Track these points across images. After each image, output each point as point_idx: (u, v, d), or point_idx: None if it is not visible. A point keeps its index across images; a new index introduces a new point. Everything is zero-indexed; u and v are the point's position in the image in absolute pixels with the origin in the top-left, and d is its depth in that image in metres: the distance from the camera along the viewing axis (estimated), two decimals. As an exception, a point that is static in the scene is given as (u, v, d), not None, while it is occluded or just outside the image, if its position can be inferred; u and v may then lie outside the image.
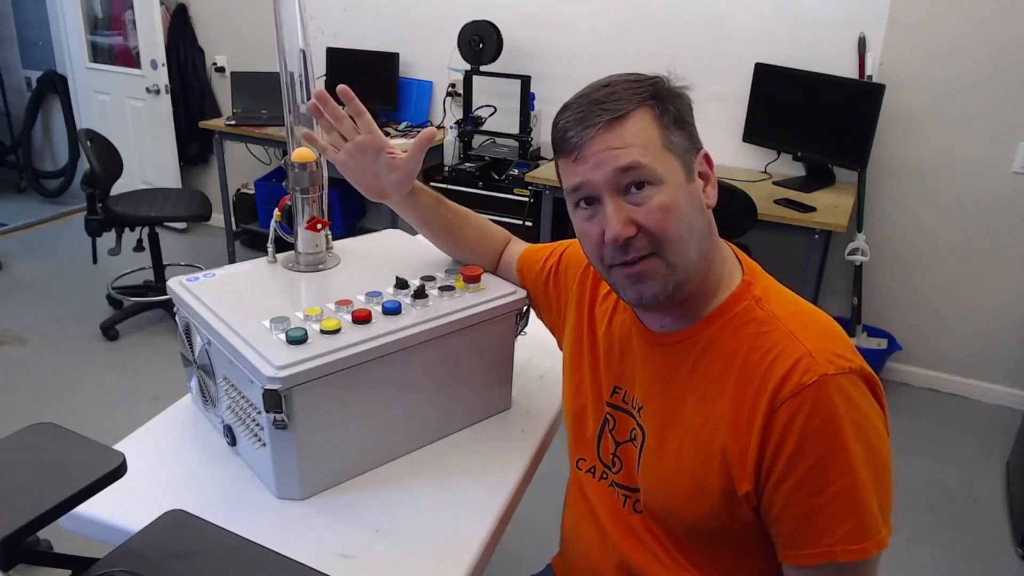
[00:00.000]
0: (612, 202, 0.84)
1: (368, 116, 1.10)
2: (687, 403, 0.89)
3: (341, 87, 1.07)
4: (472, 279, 1.17)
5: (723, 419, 0.84)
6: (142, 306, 3.43)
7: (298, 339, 0.98)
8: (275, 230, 1.25)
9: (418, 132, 3.57)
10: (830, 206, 2.69)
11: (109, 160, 3.35)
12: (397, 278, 1.14)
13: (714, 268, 0.89)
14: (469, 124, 3.40)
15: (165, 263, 3.53)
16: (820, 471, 0.78)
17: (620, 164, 0.82)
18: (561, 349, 1.15)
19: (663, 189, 0.83)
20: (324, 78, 3.74)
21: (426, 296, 1.11)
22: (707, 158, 0.89)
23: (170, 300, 1.18)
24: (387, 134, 3.49)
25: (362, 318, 1.04)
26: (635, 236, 0.83)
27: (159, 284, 3.47)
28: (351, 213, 4.04)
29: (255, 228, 4.12)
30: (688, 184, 0.86)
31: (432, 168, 3.56)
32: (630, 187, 0.83)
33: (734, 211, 2.54)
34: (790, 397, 0.78)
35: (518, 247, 1.25)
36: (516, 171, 3.23)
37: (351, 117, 1.10)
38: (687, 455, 0.88)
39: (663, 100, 0.85)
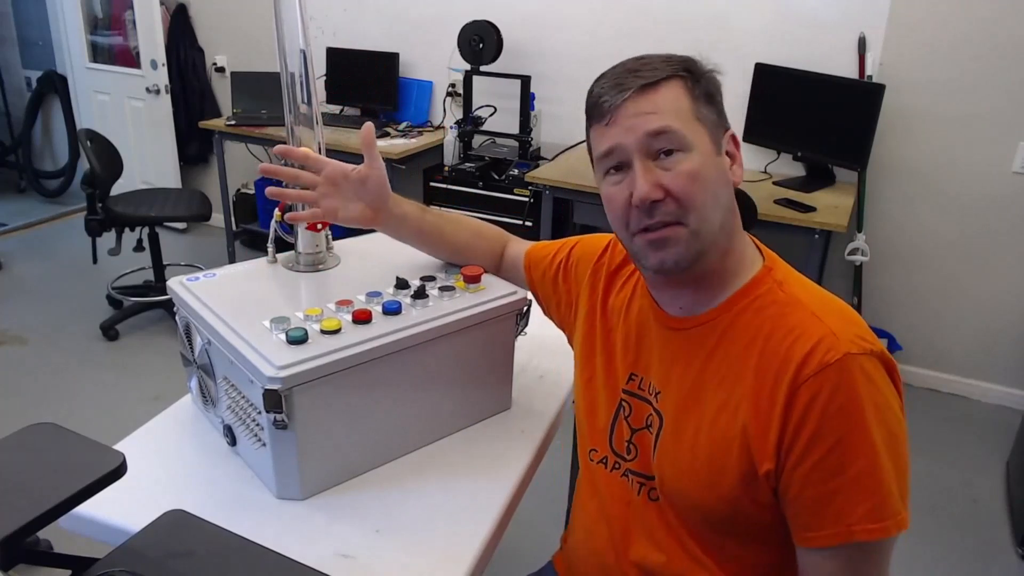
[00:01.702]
0: (641, 164, 0.85)
1: (313, 155, 1.13)
2: (706, 387, 0.89)
3: (277, 149, 1.13)
4: (472, 279, 1.17)
5: (744, 400, 0.84)
6: (142, 306, 3.43)
7: (298, 339, 0.98)
8: (275, 230, 1.25)
9: (419, 132, 3.59)
10: (830, 206, 2.69)
11: (109, 160, 3.35)
12: (397, 278, 1.14)
13: (735, 247, 0.90)
14: (469, 124, 3.40)
15: (165, 263, 3.53)
16: (840, 451, 0.78)
17: (651, 128, 0.83)
18: (571, 345, 1.14)
19: (691, 156, 0.84)
20: (324, 78, 3.74)
21: (426, 296, 1.11)
22: (734, 138, 0.92)
23: (170, 300, 1.18)
24: (386, 134, 3.50)
25: (362, 318, 1.04)
26: (662, 200, 0.84)
27: (159, 284, 3.48)
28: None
29: (255, 228, 4.12)
30: (716, 156, 0.88)
31: (432, 168, 3.57)
32: (659, 153, 0.85)
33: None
34: (812, 375, 0.79)
35: (521, 245, 1.25)
36: (516, 171, 3.23)
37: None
38: (704, 439, 0.88)
39: (695, 75, 0.87)
